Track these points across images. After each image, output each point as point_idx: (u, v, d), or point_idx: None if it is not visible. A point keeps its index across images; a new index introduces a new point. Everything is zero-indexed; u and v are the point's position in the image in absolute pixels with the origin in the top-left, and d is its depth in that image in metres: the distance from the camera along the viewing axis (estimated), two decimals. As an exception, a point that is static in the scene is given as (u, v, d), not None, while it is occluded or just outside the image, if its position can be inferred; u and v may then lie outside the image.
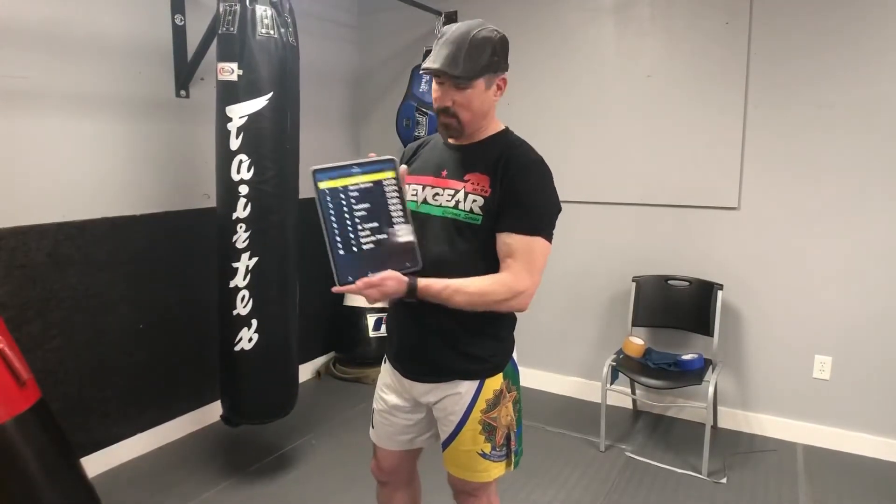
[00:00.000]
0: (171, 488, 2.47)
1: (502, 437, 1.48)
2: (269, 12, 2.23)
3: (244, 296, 2.33)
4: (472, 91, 1.36)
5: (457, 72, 1.32)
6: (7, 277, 2.22)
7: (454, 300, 1.33)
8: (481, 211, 1.37)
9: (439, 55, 1.34)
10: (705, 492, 2.48)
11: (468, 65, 1.33)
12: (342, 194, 1.27)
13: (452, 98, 1.36)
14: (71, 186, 2.41)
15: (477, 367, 1.45)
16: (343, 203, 1.27)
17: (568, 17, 3.19)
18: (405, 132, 3.50)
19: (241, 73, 2.22)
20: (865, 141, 2.63)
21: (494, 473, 1.50)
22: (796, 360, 2.86)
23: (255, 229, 2.31)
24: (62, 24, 2.33)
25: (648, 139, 3.05)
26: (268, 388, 2.45)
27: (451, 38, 1.35)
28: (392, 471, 1.69)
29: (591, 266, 3.27)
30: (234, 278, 2.33)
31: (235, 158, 2.26)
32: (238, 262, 2.32)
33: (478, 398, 1.45)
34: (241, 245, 2.31)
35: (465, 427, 1.46)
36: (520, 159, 1.39)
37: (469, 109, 1.38)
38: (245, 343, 2.35)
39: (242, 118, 2.24)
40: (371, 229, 1.29)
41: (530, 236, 1.35)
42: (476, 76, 1.34)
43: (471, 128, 1.41)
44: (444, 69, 1.33)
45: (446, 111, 1.39)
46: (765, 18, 2.75)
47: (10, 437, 1.64)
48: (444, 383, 1.46)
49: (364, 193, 1.28)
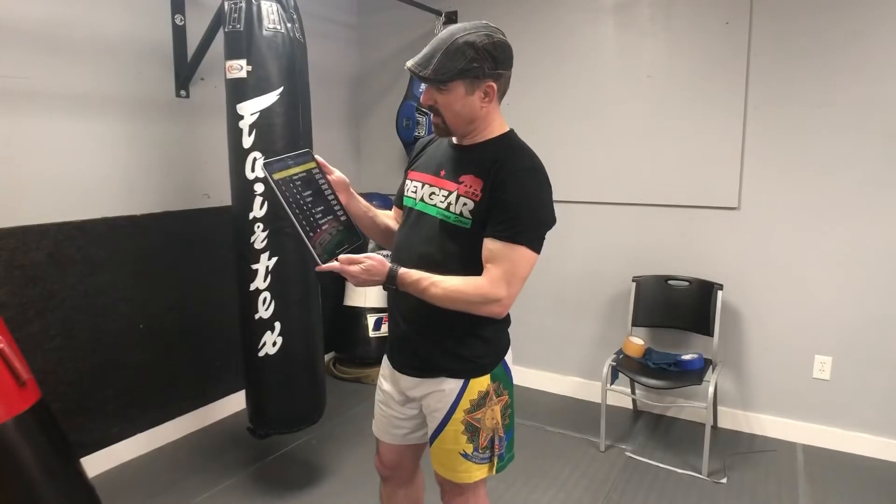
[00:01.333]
0: (171, 488, 2.47)
1: (486, 439, 1.47)
2: (274, 7, 2.22)
3: (266, 298, 2.25)
4: (450, 94, 1.35)
5: (425, 73, 1.34)
6: (7, 277, 2.22)
7: (430, 292, 1.34)
8: (471, 215, 1.36)
9: (418, 54, 1.37)
10: (705, 492, 2.48)
11: (440, 68, 1.32)
12: (291, 183, 1.36)
13: (434, 98, 1.38)
14: (71, 186, 2.41)
15: (462, 366, 1.45)
16: (295, 191, 1.35)
17: (568, 18, 3.19)
18: (405, 132, 3.50)
19: (250, 70, 2.19)
20: (865, 141, 2.63)
21: (476, 475, 1.49)
22: (796, 360, 2.86)
23: (273, 228, 2.22)
24: (62, 24, 2.33)
25: (648, 139, 3.05)
26: (295, 394, 2.36)
27: (435, 39, 1.37)
28: (393, 466, 1.69)
29: (591, 266, 3.27)
30: (254, 280, 2.24)
31: (249, 156, 2.21)
32: (258, 263, 2.23)
33: (461, 397, 1.45)
34: (260, 245, 2.23)
35: (448, 425, 1.46)
36: (512, 165, 1.35)
37: (450, 111, 1.37)
38: (269, 348, 2.27)
39: (254, 115, 2.20)
40: (321, 212, 1.37)
41: (513, 244, 1.32)
42: (449, 79, 1.33)
43: (457, 130, 1.41)
44: (412, 68, 1.36)
45: (430, 109, 1.41)
46: (765, 18, 2.75)
47: (10, 437, 1.63)
48: (430, 379, 1.47)
49: (304, 182, 1.38)
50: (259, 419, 2.38)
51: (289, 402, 2.36)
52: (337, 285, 3.72)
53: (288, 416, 2.39)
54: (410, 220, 1.49)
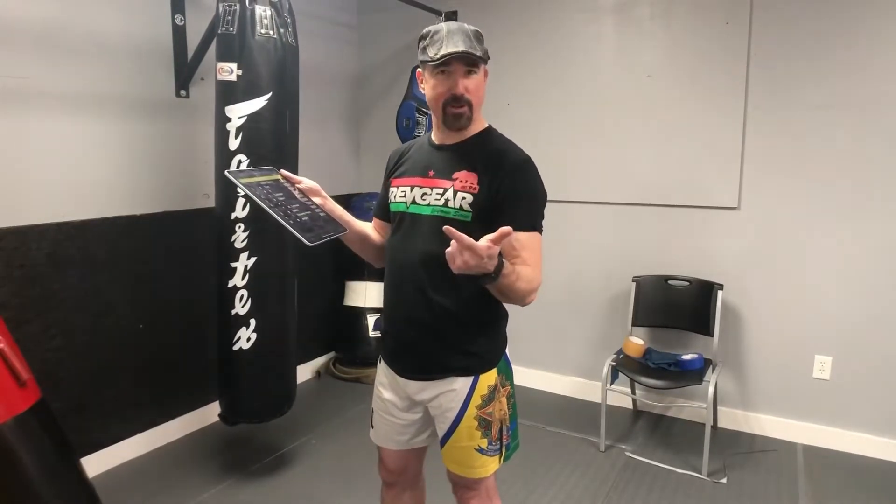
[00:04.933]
0: (171, 488, 2.47)
1: (497, 431, 1.49)
2: (268, 12, 2.24)
3: (243, 295, 2.34)
4: (478, 76, 1.40)
5: (479, 52, 1.37)
6: (7, 277, 2.22)
7: (518, 282, 1.31)
8: (471, 208, 1.39)
9: (454, 42, 1.35)
10: (705, 492, 2.48)
11: (480, 48, 1.38)
12: (259, 186, 1.40)
13: (465, 85, 1.39)
14: (71, 186, 2.41)
15: (471, 363, 1.46)
16: (265, 193, 1.39)
17: (568, 18, 3.18)
18: (405, 132, 3.50)
19: (240, 74, 2.23)
20: (865, 141, 2.63)
21: (491, 468, 1.52)
22: (796, 360, 2.86)
23: (253, 229, 2.31)
24: (62, 24, 2.32)
25: (648, 139, 3.05)
26: (266, 387, 2.47)
27: (453, 29, 1.38)
28: (399, 471, 1.69)
29: (591, 266, 3.27)
30: (232, 278, 2.34)
31: (234, 158, 2.27)
32: (237, 261, 2.33)
33: (473, 394, 1.46)
34: (240, 245, 2.32)
35: (462, 423, 1.47)
36: (514, 159, 1.42)
37: (477, 96, 1.42)
38: (243, 342, 2.36)
39: (241, 118, 2.25)
40: (297, 207, 1.40)
41: (532, 232, 1.39)
42: (485, 61, 1.40)
43: (475, 118, 1.44)
44: (469, 50, 1.35)
45: (458, 100, 1.39)
46: (765, 18, 2.75)
47: (10, 437, 1.63)
48: (439, 380, 1.47)
49: (273, 188, 1.43)
50: (231, 409, 2.48)
51: (259, 394, 2.47)
52: (337, 285, 3.72)
53: (258, 406, 2.49)
54: (405, 224, 1.49)
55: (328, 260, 3.67)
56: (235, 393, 2.45)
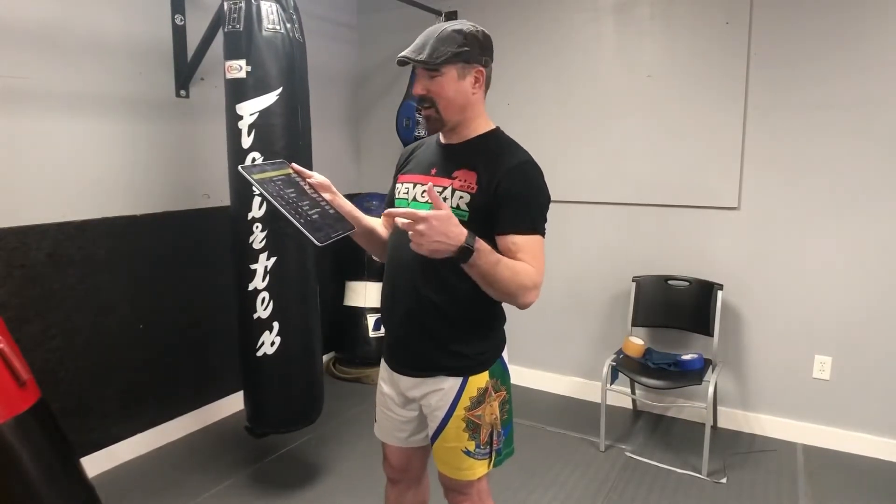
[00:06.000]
0: (171, 488, 2.47)
1: (486, 435, 1.48)
2: (273, 8, 2.22)
3: (264, 298, 2.26)
4: (442, 78, 1.38)
5: (421, 57, 1.37)
6: (7, 277, 2.22)
7: (497, 270, 1.29)
8: (468, 207, 1.39)
9: (412, 47, 1.39)
10: (705, 492, 2.48)
11: (433, 52, 1.37)
12: (272, 182, 1.39)
13: (426, 87, 1.40)
14: (71, 186, 2.41)
15: (461, 364, 1.46)
16: (277, 189, 1.38)
17: (568, 18, 3.18)
18: (405, 132, 3.50)
19: (249, 70, 2.19)
20: (865, 141, 2.63)
21: (479, 472, 1.51)
22: (796, 360, 2.86)
23: (272, 228, 2.24)
24: (62, 24, 2.32)
25: (648, 139, 3.05)
26: (293, 394, 2.37)
27: (425, 32, 1.41)
28: (401, 468, 1.69)
29: (591, 266, 3.27)
30: (252, 280, 2.26)
31: (248, 156, 2.22)
32: (256, 263, 2.25)
33: (461, 395, 1.46)
34: (259, 245, 2.25)
35: (450, 424, 1.47)
36: (515, 160, 1.40)
37: (443, 97, 1.40)
38: (267, 347, 2.28)
39: (253, 115, 2.21)
40: (308, 205, 1.39)
41: (533, 235, 1.38)
42: (443, 63, 1.37)
43: (450, 119, 1.43)
44: (408, 56, 1.38)
45: (422, 101, 1.42)
46: (765, 19, 2.75)
47: (10, 437, 1.63)
48: (429, 378, 1.48)
49: (285, 183, 1.41)
50: (257, 419, 2.39)
51: (287, 402, 2.37)
52: (337, 285, 3.72)
53: (286, 415, 2.39)
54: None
55: (328, 260, 3.67)
56: (261, 402, 2.36)
